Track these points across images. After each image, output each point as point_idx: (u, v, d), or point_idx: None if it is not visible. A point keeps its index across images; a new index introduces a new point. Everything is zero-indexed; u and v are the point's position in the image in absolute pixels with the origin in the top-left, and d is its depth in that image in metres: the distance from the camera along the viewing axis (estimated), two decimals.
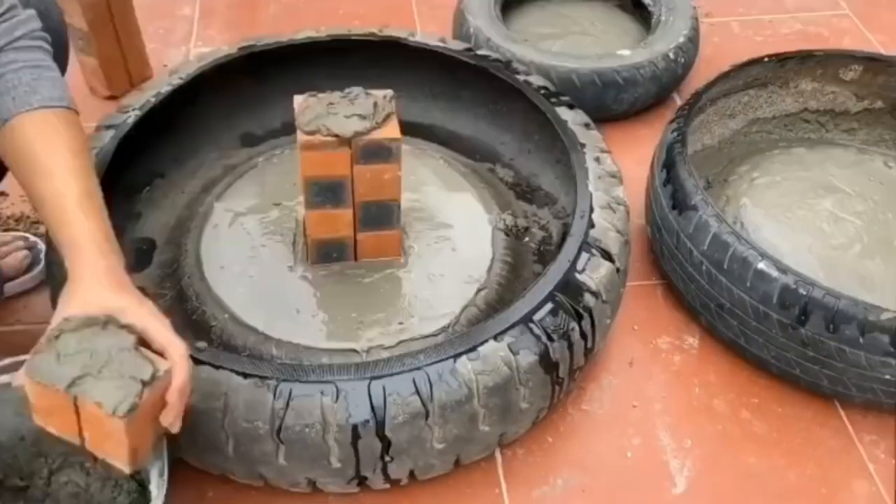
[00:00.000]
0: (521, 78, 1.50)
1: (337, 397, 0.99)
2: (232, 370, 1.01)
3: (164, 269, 1.35)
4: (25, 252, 1.40)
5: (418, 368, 1.01)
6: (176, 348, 0.86)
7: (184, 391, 0.86)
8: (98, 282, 0.88)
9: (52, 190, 0.92)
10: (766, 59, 1.56)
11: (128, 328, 0.86)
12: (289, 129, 1.40)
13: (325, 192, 1.20)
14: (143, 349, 0.85)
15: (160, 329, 0.87)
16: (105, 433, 0.83)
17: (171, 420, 0.86)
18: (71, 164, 0.93)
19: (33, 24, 1.01)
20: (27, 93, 0.95)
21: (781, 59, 1.57)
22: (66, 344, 0.83)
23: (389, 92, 1.21)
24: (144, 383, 0.82)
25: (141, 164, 1.44)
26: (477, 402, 1.03)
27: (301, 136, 1.15)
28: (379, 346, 1.20)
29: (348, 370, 1.01)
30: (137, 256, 1.37)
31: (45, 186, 0.92)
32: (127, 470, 0.85)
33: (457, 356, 1.03)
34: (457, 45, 1.59)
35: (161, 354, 0.86)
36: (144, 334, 0.86)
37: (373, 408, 0.99)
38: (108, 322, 0.85)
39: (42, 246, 1.41)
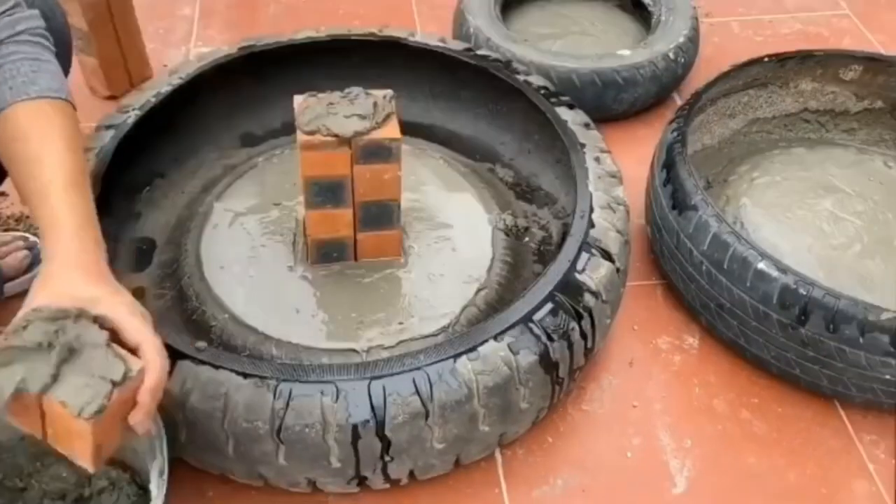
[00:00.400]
0: (521, 78, 1.50)
1: (337, 397, 0.99)
2: (232, 370, 1.01)
3: (164, 269, 1.35)
4: (25, 252, 1.40)
5: (418, 368, 1.01)
6: (150, 345, 0.83)
7: (156, 391, 0.82)
8: (73, 270, 0.85)
9: (40, 178, 0.90)
10: (766, 59, 1.56)
11: (100, 321, 0.82)
12: (289, 129, 1.40)
13: (325, 192, 1.20)
14: (115, 346, 0.81)
15: (134, 323, 0.83)
16: (70, 432, 0.79)
17: (140, 419, 0.82)
18: (61, 153, 0.92)
19: (36, 22, 1.02)
20: (25, 83, 0.95)
21: (781, 59, 1.57)
22: (36, 337, 0.79)
23: (389, 92, 1.21)
24: (115, 384, 0.78)
25: (141, 164, 1.44)
26: (477, 402, 1.03)
27: (301, 136, 1.15)
28: (379, 346, 1.20)
29: (348, 370, 1.01)
30: (137, 256, 1.37)
31: (33, 174, 0.91)
32: (90, 469, 0.82)
33: (457, 356, 1.03)
34: (457, 45, 1.59)
35: (134, 350, 0.83)
36: (117, 328, 0.83)
37: (373, 408, 0.99)
38: (79, 315, 0.81)
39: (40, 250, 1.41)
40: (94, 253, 0.89)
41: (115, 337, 0.83)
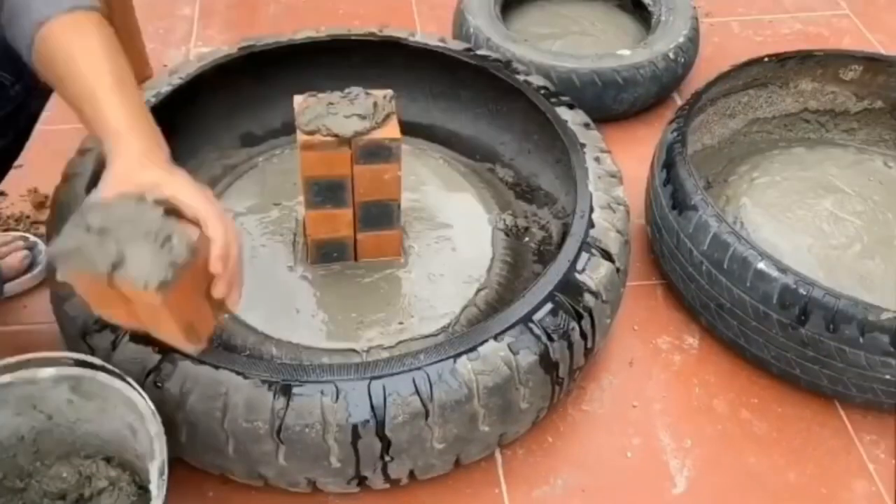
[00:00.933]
0: (521, 78, 1.50)
1: (337, 397, 0.99)
2: (232, 370, 1.01)
3: None
4: (25, 252, 1.40)
5: (418, 368, 1.01)
6: (212, 217, 0.86)
7: (227, 258, 0.86)
8: (132, 161, 0.88)
9: (86, 83, 0.92)
10: (766, 59, 1.56)
11: (162, 202, 0.85)
12: (289, 129, 1.39)
13: (325, 192, 1.20)
14: (175, 220, 0.84)
15: (195, 199, 0.87)
16: (152, 311, 0.83)
17: (223, 291, 0.86)
18: (103, 58, 0.94)
19: None
20: None
21: (781, 59, 1.57)
22: (97, 222, 0.82)
23: (389, 92, 1.21)
24: (176, 254, 0.81)
25: None
26: (477, 402, 1.03)
27: (301, 136, 1.15)
28: (379, 346, 1.20)
29: (348, 370, 1.01)
30: None
31: (80, 80, 0.93)
32: (189, 348, 0.86)
33: (457, 356, 1.03)
34: (457, 45, 1.59)
35: (198, 226, 0.86)
36: (179, 205, 0.86)
37: (373, 408, 0.99)
38: (140, 198, 0.84)
39: (42, 246, 1.41)
40: (150, 140, 0.92)
41: (179, 215, 0.86)
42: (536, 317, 1.09)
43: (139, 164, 0.88)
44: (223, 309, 0.90)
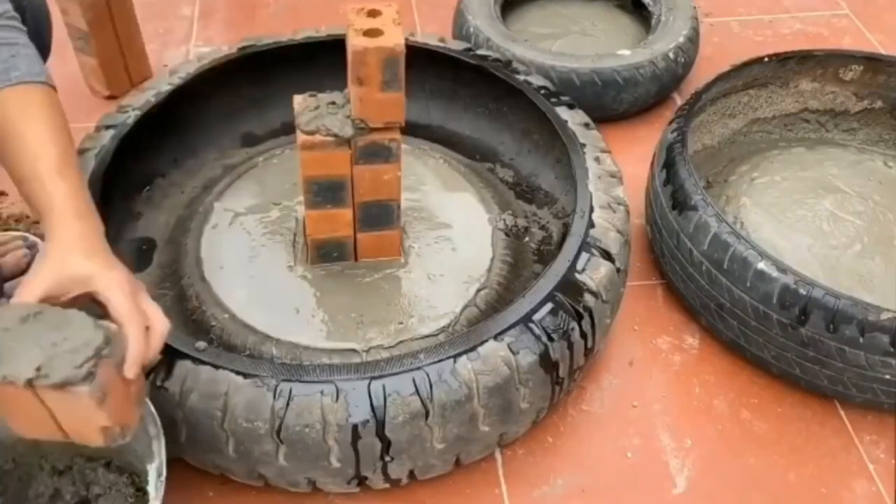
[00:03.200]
0: (521, 78, 1.50)
1: (337, 397, 0.99)
2: (232, 370, 1.01)
3: (164, 269, 1.35)
4: (25, 251, 1.40)
5: (418, 368, 1.01)
6: (131, 322, 0.85)
7: (138, 364, 0.84)
8: (69, 248, 0.88)
9: (30, 162, 0.93)
10: (766, 59, 1.56)
11: (93, 296, 0.85)
12: (289, 129, 1.40)
13: (325, 192, 1.20)
14: (98, 322, 0.83)
15: (122, 301, 0.86)
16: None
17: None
18: (47, 135, 0.94)
19: (5, 7, 1.03)
20: (5, 69, 0.97)
21: (781, 59, 1.57)
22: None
23: None
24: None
25: (141, 164, 1.44)
26: (477, 402, 1.03)
27: (301, 136, 1.15)
28: (379, 345, 1.20)
29: (348, 370, 1.01)
30: (137, 256, 1.37)
31: (24, 159, 0.93)
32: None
33: (457, 356, 1.03)
34: (457, 45, 1.59)
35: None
36: (105, 302, 0.86)
37: (373, 408, 0.99)
38: (64, 303, 0.84)
39: (42, 246, 1.41)
40: (93, 232, 0.92)
41: (106, 311, 0.86)
42: (536, 317, 1.09)
43: (74, 250, 0.88)
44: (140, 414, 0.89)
